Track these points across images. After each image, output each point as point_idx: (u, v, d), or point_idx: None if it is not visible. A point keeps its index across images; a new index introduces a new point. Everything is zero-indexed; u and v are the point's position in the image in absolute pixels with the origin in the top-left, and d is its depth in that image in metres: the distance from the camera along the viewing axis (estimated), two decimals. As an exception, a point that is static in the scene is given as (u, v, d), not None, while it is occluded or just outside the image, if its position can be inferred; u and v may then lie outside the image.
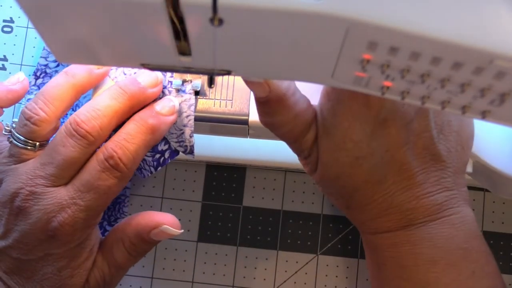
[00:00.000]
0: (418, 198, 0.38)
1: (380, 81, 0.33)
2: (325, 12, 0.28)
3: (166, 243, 0.55)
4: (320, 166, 0.40)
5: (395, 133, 0.38)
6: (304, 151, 0.41)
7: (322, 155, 0.40)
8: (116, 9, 0.30)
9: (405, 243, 0.39)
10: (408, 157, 0.38)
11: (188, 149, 0.45)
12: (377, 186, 0.39)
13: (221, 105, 0.46)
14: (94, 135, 0.41)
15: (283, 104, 0.39)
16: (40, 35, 0.34)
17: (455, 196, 0.39)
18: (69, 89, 0.43)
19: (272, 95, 0.38)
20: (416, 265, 0.38)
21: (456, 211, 0.38)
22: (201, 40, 0.32)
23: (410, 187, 0.38)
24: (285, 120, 0.40)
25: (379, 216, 0.39)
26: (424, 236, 0.38)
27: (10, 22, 0.58)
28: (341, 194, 0.41)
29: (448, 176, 0.39)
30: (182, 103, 0.45)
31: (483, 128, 0.43)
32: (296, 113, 0.40)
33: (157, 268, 0.55)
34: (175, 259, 0.55)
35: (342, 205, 0.42)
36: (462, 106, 0.33)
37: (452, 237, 0.38)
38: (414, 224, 0.39)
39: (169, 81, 0.45)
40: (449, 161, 0.39)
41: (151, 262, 0.55)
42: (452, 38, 0.28)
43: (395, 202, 0.39)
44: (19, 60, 0.58)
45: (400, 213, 0.39)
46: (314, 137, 0.41)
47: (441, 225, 0.38)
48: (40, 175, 0.41)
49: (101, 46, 0.35)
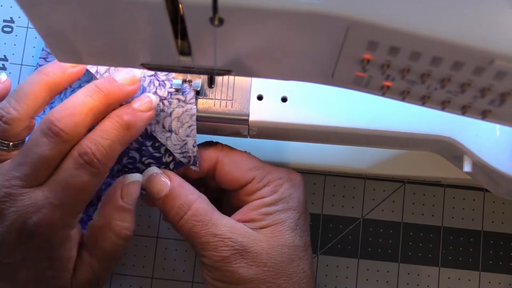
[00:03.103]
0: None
1: (380, 81, 0.33)
2: (325, 12, 0.28)
3: (166, 243, 0.55)
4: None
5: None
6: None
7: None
8: (117, 9, 0.30)
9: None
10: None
11: (192, 160, 0.45)
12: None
13: (221, 105, 0.46)
14: (68, 132, 0.40)
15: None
16: (40, 35, 0.34)
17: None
18: (42, 88, 0.43)
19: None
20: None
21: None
22: (201, 40, 0.32)
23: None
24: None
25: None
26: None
27: (10, 22, 0.58)
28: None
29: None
30: (183, 113, 0.45)
31: (483, 128, 0.43)
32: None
33: (157, 268, 0.55)
34: (175, 259, 0.55)
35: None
36: (462, 106, 0.33)
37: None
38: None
39: (169, 81, 0.45)
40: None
41: (151, 262, 0.55)
42: (452, 38, 0.28)
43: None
44: (19, 60, 0.58)
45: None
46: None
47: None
48: (15, 176, 0.40)
49: (101, 46, 0.35)
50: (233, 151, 0.47)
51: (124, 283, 0.55)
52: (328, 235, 0.55)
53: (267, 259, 0.43)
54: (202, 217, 0.43)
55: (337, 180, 0.56)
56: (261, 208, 0.45)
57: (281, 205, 0.45)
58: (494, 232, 0.55)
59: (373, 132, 0.45)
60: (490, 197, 0.55)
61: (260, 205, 0.45)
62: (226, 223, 0.43)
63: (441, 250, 0.54)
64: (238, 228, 0.43)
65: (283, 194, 0.45)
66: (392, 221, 0.55)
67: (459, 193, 0.55)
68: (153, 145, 0.45)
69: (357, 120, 0.45)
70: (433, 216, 0.55)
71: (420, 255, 0.54)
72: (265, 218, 0.44)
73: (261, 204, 0.45)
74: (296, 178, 0.47)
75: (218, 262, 0.42)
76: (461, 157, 0.45)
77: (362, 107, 0.45)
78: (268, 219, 0.44)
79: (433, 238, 0.54)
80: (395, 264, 0.54)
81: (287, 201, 0.45)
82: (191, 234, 0.43)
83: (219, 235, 0.43)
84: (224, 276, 0.43)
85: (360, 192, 0.55)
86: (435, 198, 0.55)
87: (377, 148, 0.52)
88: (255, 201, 0.45)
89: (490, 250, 0.54)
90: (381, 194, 0.55)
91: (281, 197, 0.45)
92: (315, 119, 0.45)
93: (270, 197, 0.45)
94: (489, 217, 0.55)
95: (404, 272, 0.54)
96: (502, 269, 0.54)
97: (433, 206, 0.55)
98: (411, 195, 0.55)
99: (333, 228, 0.55)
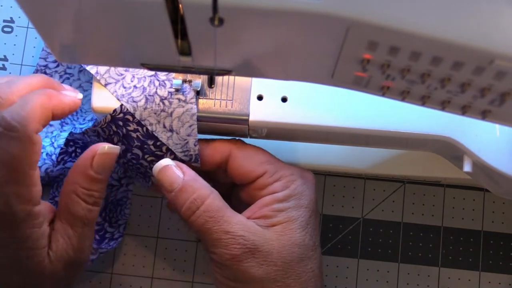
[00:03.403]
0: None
1: (380, 81, 0.33)
2: (325, 12, 0.28)
3: (166, 243, 0.55)
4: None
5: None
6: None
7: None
8: (116, 9, 0.30)
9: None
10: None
11: (193, 158, 0.45)
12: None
13: (221, 105, 0.46)
14: (2, 97, 0.41)
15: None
16: (39, 35, 0.34)
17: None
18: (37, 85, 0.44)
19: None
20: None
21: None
22: (201, 40, 0.32)
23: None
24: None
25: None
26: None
27: (10, 22, 0.58)
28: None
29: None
30: (184, 113, 0.45)
31: (483, 128, 0.43)
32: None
33: (157, 268, 0.55)
34: (175, 259, 0.55)
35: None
36: (462, 106, 0.33)
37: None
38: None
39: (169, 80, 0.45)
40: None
41: (151, 262, 0.55)
42: (452, 38, 0.28)
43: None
44: (19, 60, 0.58)
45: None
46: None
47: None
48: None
49: (101, 46, 0.35)
50: (246, 145, 0.47)
51: (124, 283, 0.55)
52: (328, 235, 0.55)
53: (277, 258, 0.43)
54: (214, 213, 0.43)
55: (337, 180, 0.56)
56: (273, 204, 0.44)
57: (293, 202, 0.44)
58: (494, 232, 0.55)
59: (373, 132, 0.45)
60: (490, 197, 0.55)
61: (271, 201, 0.44)
62: (238, 220, 0.43)
63: (441, 250, 0.54)
64: (250, 226, 0.43)
65: (295, 190, 0.45)
66: (392, 221, 0.55)
67: (459, 193, 0.55)
68: (154, 144, 0.45)
69: (357, 120, 0.45)
70: (433, 216, 0.55)
71: (420, 255, 0.54)
72: (277, 215, 0.44)
73: (273, 200, 0.44)
74: (308, 176, 0.47)
75: (229, 260, 0.42)
76: (461, 157, 0.45)
77: (362, 107, 0.45)
78: (280, 216, 0.44)
79: (433, 238, 0.54)
80: (395, 264, 0.54)
81: (299, 198, 0.45)
82: (202, 230, 0.43)
83: (231, 232, 0.42)
84: (234, 274, 0.43)
85: (360, 192, 0.55)
86: (435, 198, 0.55)
87: (377, 148, 0.52)
88: (266, 197, 0.45)
89: (490, 250, 0.54)
90: (381, 194, 0.55)
91: (293, 193, 0.44)
92: (315, 119, 0.45)
93: (281, 193, 0.44)
94: (489, 217, 0.55)
95: (404, 272, 0.54)
96: (502, 269, 0.54)
97: (433, 206, 0.55)
98: (411, 195, 0.55)
99: (333, 228, 0.55)
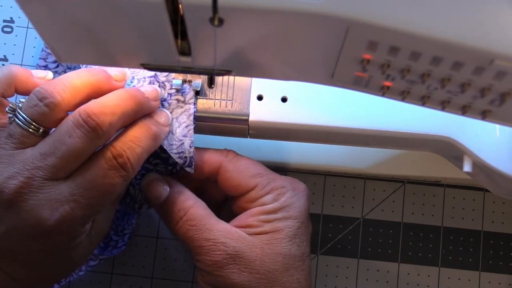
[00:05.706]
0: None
1: (380, 81, 0.33)
2: (325, 12, 0.28)
3: (166, 243, 0.55)
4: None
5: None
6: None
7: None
8: (116, 9, 0.30)
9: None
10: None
11: (188, 160, 0.45)
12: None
13: (221, 105, 0.46)
14: (104, 129, 0.39)
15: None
16: (39, 35, 0.34)
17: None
18: (86, 86, 0.41)
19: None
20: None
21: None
22: (201, 40, 0.32)
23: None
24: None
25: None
26: None
27: (10, 22, 0.58)
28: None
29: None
30: (181, 113, 0.45)
31: (483, 128, 0.43)
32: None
33: (157, 268, 0.55)
34: (175, 259, 0.55)
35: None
36: (462, 106, 0.33)
37: None
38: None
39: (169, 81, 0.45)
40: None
41: (151, 262, 0.55)
42: (452, 38, 0.28)
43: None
44: (19, 60, 0.58)
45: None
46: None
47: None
48: (38, 166, 0.38)
49: (101, 46, 0.35)
50: (237, 157, 0.47)
51: (124, 283, 0.55)
52: (328, 235, 0.55)
53: (260, 266, 0.43)
54: (196, 222, 0.43)
55: (337, 180, 0.56)
56: (260, 215, 0.44)
57: (281, 214, 0.44)
58: (494, 232, 0.55)
59: (373, 132, 0.45)
60: (490, 197, 0.55)
61: (259, 212, 0.45)
62: (220, 228, 0.43)
63: (441, 250, 0.54)
64: (233, 233, 0.43)
65: (284, 202, 0.45)
66: (392, 221, 0.55)
67: (459, 193, 0.55)
68: (160, 146, 0.45)
69: (357, 120, 0.45)
70: (433, 216, 0.55)
71: (420, 255, 0.54)
72: (263, 225, 0.44)
73: (261, 211, 0.44)
74: (300, 187, 0.46)
75: (210, 266, 0.42)
76: (461, 157, 0.45)
77: (362, 107, 0.45)
78: (266, 226, 0.44)
79: (433, 238, 0.54)
80: (395, 264, 0.54)
81: (288, 210, 0.45)
82: (186, 238, 0.44)
83: (212, 239, 0.43)
84: (216, 280, 0.43)
85: (360, 192, 0.55)
86: (435, 198, 0.55)
87: (377, 148, 0.52)
88: (254, 208, 0.45)
89: (490, 250, 0.54)
90: (381, 194, 0.55)
91: (283, 205, 0.45)
92: (315, 119, 0.45)
93: (271, 205, 0.45)
94: (489, 217, 0.55)
95: (404, 272, 0.54)
96: (502, 269, 0.54)
97: (433, 206, 0.55)
98: (411, 195, 0.55)
99: (333, 228, 0.55)
